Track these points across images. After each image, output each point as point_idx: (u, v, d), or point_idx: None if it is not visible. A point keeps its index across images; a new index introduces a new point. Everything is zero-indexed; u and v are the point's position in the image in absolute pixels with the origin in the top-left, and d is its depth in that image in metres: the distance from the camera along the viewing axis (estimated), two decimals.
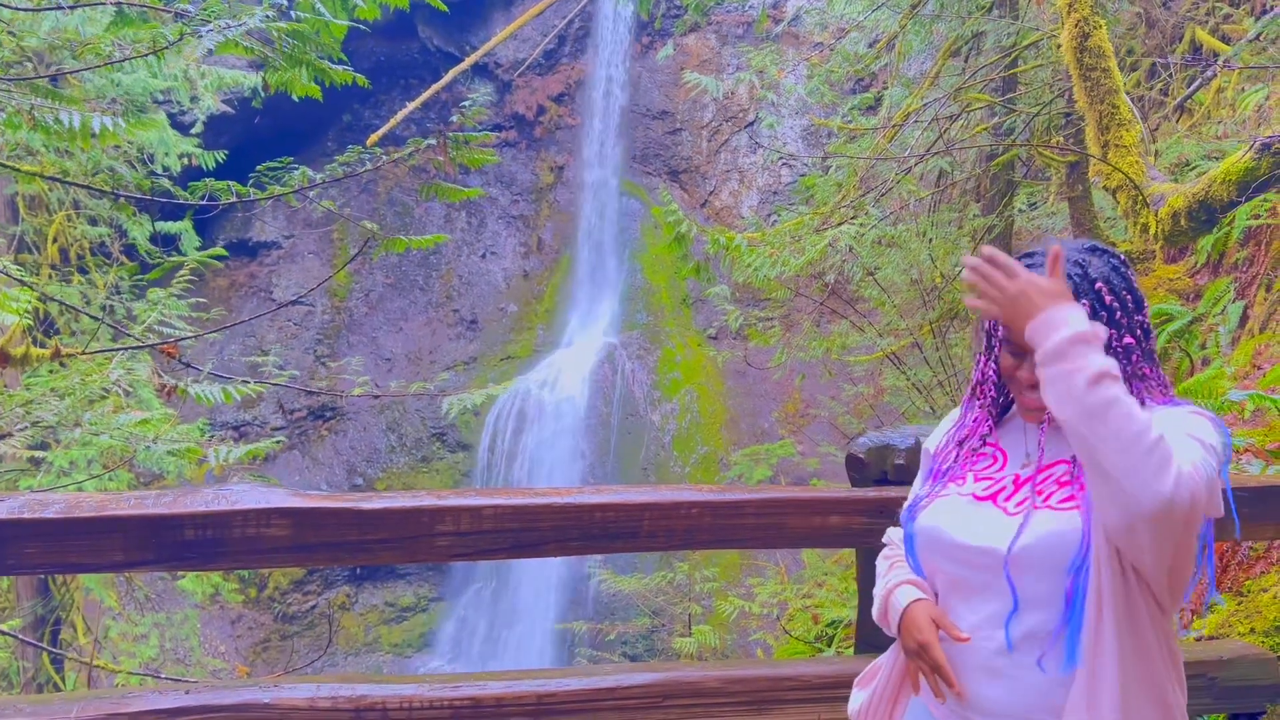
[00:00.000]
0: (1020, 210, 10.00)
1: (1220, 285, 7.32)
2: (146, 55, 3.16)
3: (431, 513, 2.15)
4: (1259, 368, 5.87)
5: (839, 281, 9.27)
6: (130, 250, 14.00)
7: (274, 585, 15.86)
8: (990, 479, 1.81)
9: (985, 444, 1.88)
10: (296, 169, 4.92)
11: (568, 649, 13.78)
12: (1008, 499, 1.75)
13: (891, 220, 8.97)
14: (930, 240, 9.12)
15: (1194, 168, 7.85)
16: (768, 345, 10.02)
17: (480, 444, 16.47)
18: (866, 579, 2.48)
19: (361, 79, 3.91)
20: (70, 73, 3.87)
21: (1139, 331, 1.75)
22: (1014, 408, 1.88)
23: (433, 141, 4.81)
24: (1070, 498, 1.68)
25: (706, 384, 16.26)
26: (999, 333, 1.80)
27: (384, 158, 5.09)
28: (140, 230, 12.42)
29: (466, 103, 4.81)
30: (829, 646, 7.76)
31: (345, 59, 3.86)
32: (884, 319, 9.74)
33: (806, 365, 11.17)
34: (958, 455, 1.89)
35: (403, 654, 15.76)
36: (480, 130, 4.85)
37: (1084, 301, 1.71)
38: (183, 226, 12.91)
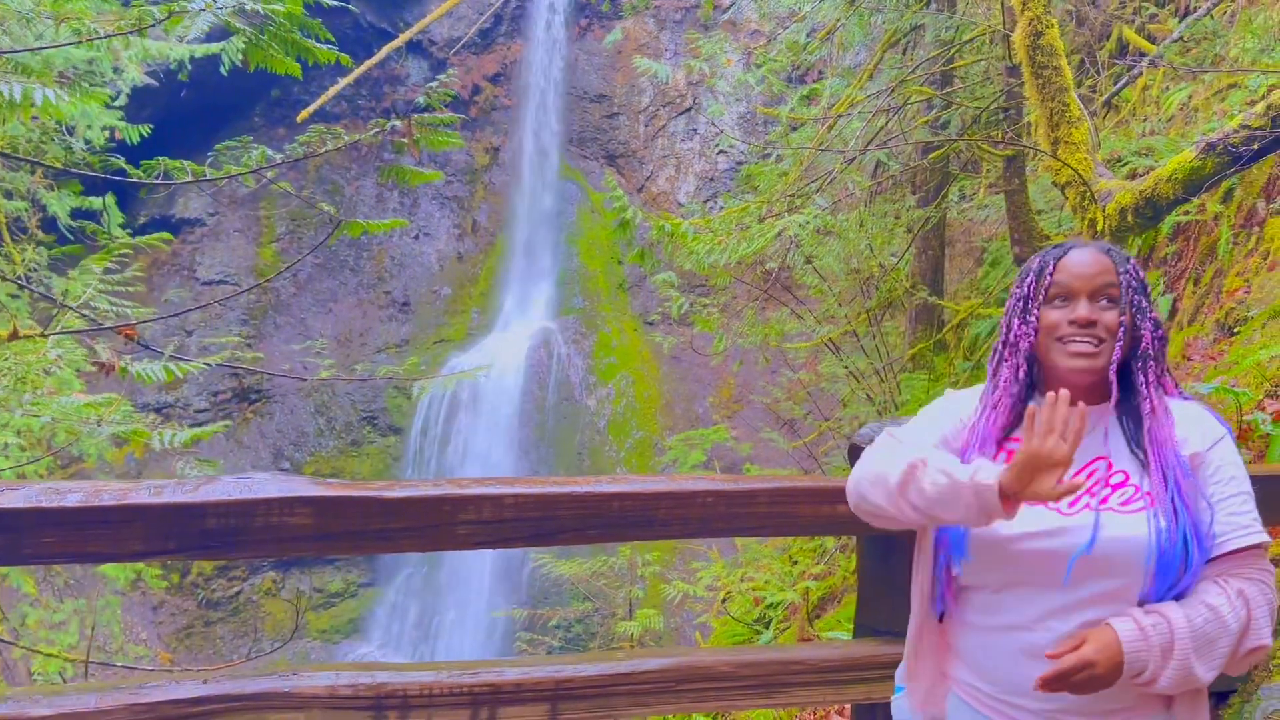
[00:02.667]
0: (952, 202, 10.23)
1: (1150, 279, 7.59)
2: (129, 33, 3.07)
3: (455, 501, 2.16)
4: (1188, 359, 6.10)
5: (779, 269, 9.38)
6: (49, 225, 13.53)
7: (197, 570, 15.53)
8: None
9: (1010, 439, 1.90)
10: (255, 148, 4.80)
11: (502, 634, 13.77)
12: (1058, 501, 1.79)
13: (831, 210, 9.09)
14: (868, 230, 9.27)
15: (1125, 164, 8.09)
16: (709, 331, 10.10)
17: (412, 428, 16.32)
18: (869, 566, 2.55)
19: (345, 58, 3.84)
20: (46, 48, 3.73)
21: (1156, 315, 1.88)
22: (1029, 402, 1.90)
23: (397, 123, 4.74)
24: (1131, 500, 1.75)
25: (642, 369, 16.33)
26: (1042, 285, 1.86)
27: (345, 138, 5.00)
28: (61, 206, 12.01)
29: (434, 83, 4.74)
30: (767, 629, 7.89)
31: (332, 38, 3.79)
32: (823, 307, 9.89)
33: (743, 352, 11.30)
34: (983, 452, 1.88)
35: (331, 640, 15.57)
36: (446, 113, 4.78)
37: (1123, 270, 1.83)
38: (105, 202, 12.51)
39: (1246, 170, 5.46)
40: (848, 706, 3.78)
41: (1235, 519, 1.74)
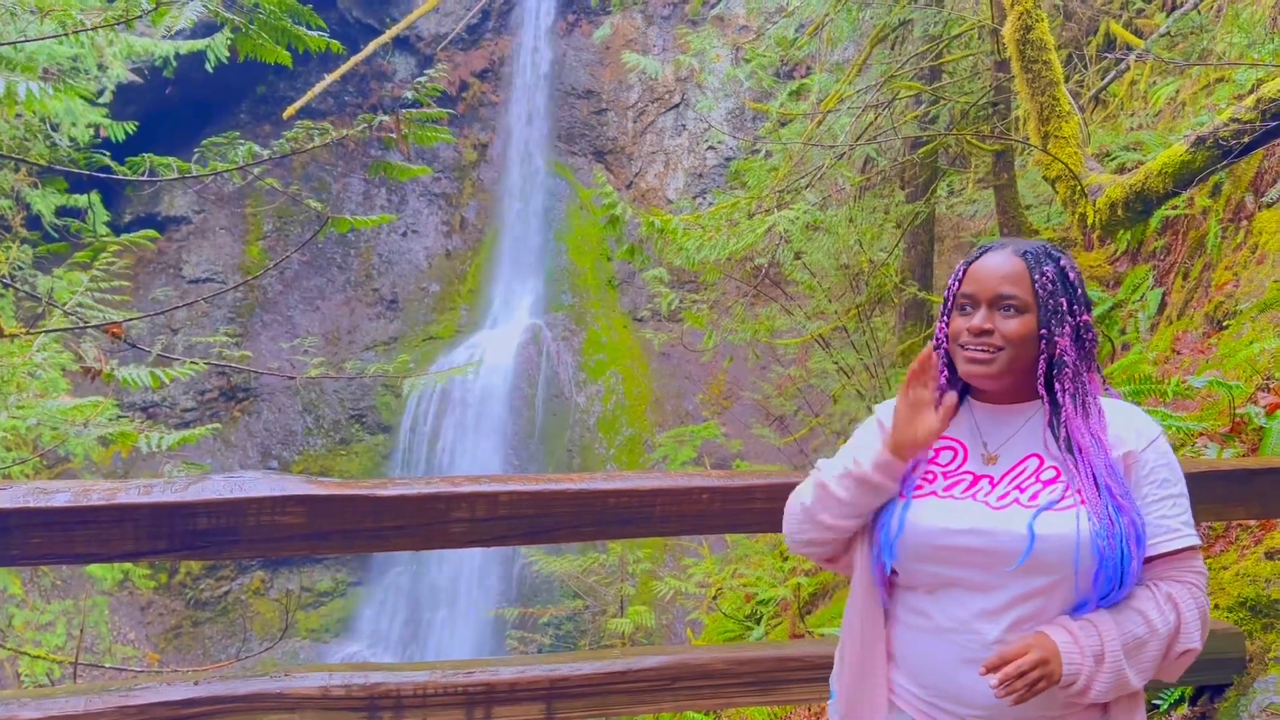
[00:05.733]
0: (941, 197, 10.24)
1: (1140, 273, 7.60)
2: (116, 25, 3.02)
3: (448, 499, 2.13)
4: (1178, 352, 6.11)
5: (769, 265, 9.38)
6: (33, 223, 13.44)
7: (185, 570, 15.46)
8: (962, 477, 1.83)
9: (939, 437, 1.89)
10: (242, 144, 4.75)
11: (493, 632, 13.74)
12: (988, 495, 1.78)
13: (820, 205, 9.09)
14: (857, 225, 9.27)
15: (1114, 158, 8.11)
16: (699, 328, 10.09)
17: (401, 426, 16.27)
18: None
19: (336, 44, 3.80)
20: (30, 41, 3.68)
21: (1090, 319, 1.84)
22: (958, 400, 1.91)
23: (386, 118, 4.70)
24: (1064, 497, 1.72)
25: (632, 366, 16.30)
26: (952, 291, 1.87)
27: (332, 133, 4.95)
28: (46, 204, 11.92)
29: (422, 78, 4.70)
30: (758, 625, 7.89)
31: (324, 25, 3.75)
32: (813, 303, 9.89)
33: (733, 348, 11.31)
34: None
35: (320, 639, 15.52)
36: (435, 108, 4.75)
37: (1036, 277, 1.79)
38: (90, 200, 12.43)
39: (1236, 164, 5.47)
40: None
41: (1165, 522, 1.73)
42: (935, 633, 1.79)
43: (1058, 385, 1.78)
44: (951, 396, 1.82)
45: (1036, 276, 1.79)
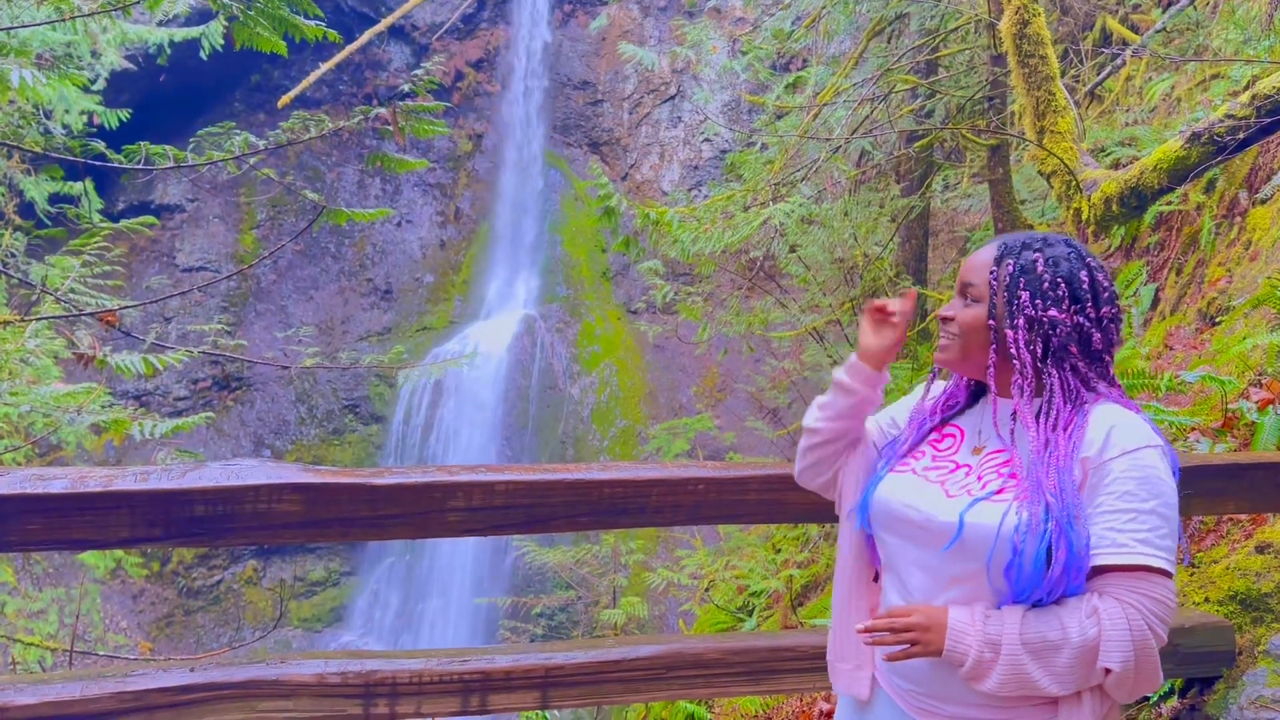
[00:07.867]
0: (936, 192, 10.25)
1: (1133, 269, 7.62)
2: (114, 10, 3.01)
3: (444, 488, 2.14)
4: (1171, 348, 6.13)
5: (764, 258, 9.38)
6: (26, 210, 13.39)
7: (177, 559, 15.45)
8: (945, 462, 1.87)
9: (948, 423, 1.94)
10: (239, 134, 4.75)
11: (485, 622, 13.76)
12: (955, 483, 1.80)
13: (815, 199, 9.09)
14: (852, 219, 9.28)
15: (1109, 153, 8.13)
16: (694, 320, 10.10)
17: (394, 416, 16.26)
18: None
19: (333, 34, 3.80)
20: (25, 27, 3.65)
21: (1073, 316, 1.75)
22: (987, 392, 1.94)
23: (382, 110, 4.70)
24: (1001, 490, 1.73)
25: (625, 358, 16.31)
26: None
27: (329, 124, 4.94)
28: (40, 191, 11.89)
29: (419, 71, 4.71)
30: (750, 616, 7.91)
31: (321, 14, 3.74)
32: (807, 296, 9.90)
33: (727, 340, 11.32)
34: (920, 431, 1.96)
35: (313, 629, 15.53)
36: (431, 100, 4.75)
37: (1010, 260, 1.79)
38: (84, 187, 12.39)
39: (1230, 160, 5.49)
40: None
41: (1113, 534, 1.64)
42: (888, 606, 1.87)
43: (1011, 379, 1.78)
44: (907, 301, 1.91)
45: (994, 268, 1.80)
